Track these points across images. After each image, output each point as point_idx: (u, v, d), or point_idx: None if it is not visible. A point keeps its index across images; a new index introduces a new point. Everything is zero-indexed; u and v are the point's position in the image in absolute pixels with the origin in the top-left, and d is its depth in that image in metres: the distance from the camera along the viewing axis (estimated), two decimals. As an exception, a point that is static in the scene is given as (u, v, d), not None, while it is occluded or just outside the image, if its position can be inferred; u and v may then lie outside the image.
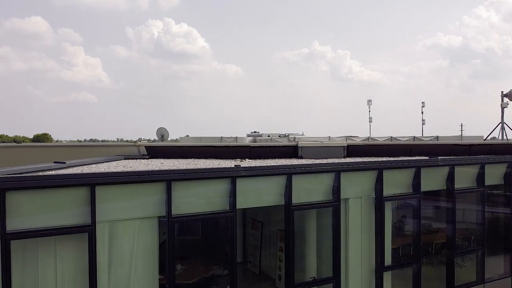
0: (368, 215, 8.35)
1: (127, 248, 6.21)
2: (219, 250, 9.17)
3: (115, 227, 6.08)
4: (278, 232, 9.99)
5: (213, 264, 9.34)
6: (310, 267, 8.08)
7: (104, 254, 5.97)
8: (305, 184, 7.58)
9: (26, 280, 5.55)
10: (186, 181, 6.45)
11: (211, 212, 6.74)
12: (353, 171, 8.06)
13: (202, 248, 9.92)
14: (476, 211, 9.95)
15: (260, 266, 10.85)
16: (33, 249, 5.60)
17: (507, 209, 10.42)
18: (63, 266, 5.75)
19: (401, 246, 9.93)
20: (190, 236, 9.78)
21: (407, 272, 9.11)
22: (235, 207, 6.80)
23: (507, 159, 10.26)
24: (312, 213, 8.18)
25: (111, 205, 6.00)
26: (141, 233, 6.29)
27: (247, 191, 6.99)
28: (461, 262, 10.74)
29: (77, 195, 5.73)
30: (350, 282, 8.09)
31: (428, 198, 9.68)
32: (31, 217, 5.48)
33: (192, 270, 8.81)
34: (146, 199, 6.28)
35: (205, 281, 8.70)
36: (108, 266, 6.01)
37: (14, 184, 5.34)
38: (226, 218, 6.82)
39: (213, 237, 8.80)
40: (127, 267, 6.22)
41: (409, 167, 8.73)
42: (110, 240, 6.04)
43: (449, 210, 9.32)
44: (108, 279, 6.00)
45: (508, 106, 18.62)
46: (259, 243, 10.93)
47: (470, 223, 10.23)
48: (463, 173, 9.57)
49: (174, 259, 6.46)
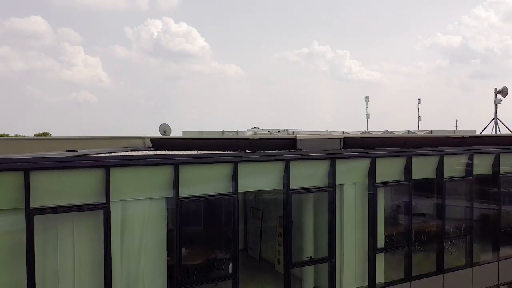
0: (362, 201, 8.89)
1: (137, 226, 6.75)
2: (221, 236, 9.70)
3: (127, 206, 6.63)
4: (277, 219, 10.52)
5: (216, 249, 9.87)
6: (307, 248, 8.62)
7: (117, 231, 6.51)
8: (302, 170, 8.11)
9: (47, 254, 6.09)
10: (192, 165, 6.99)
11: (215, 194, 7.29)
12: (347, 158, 8.60)
13: (205, 235, 10.43)
14: (465, 199, 10.49)
15: (260, 252, 11.38)
16: (53, 227, 6.14)
17: (495, 198, 10.96)
18: (80, 242, 6.29)
19: (395, 233, 10.44)
20: (193, 225, 10.27)
21: (400, 258, 9.63)
22: (237, 190, 7.35)
23: (495, 150, 10.81)
24: (309, 198, 8.72)
25: (124, 186, 6.54)
26: (150, 212, 6.84)
27: (248, 175, 7.52)
28: (452, 249, 11.29)
29: (94, 176, 6.27)
30: (345, 262, 8.64)
31: (419, 186, 10.20)
32: (52, 195, 6.02)
33: (196, 253, 9.33)
34: (156, 181, 6.83)
35: (209, 264, 9.20)
36: (120, 242, 6.56)
37: (37, 165, 5.88)
38: (229, 200, 7.37)
39: (216, 224, 9.32)
40: (138, 244, 6.76)
41: (400, 156, 9.27)
42: (122, 218, 6.59)
43: (439, 197, 9.87)
44: (120, 255, 6.55)
45: (502, 103, 19.24)
46: (259, 230, 11.47)
47: (459, 211, 10.75)
48: (452, 162, 10.11)
49: (181, 238, 6.99)
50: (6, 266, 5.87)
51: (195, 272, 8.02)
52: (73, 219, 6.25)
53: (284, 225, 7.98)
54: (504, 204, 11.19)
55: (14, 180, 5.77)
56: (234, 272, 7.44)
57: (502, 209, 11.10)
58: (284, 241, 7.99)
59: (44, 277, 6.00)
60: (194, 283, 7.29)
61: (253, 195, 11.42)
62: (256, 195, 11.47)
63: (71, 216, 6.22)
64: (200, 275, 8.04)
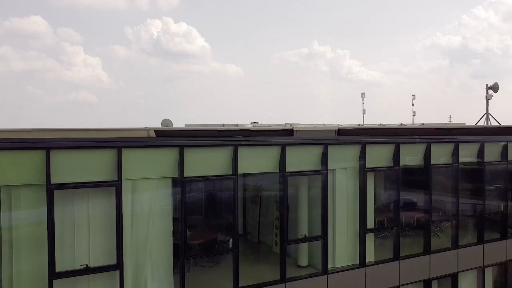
0: (353, 184, 9.55)
1: (146, 203, 7.41)
2: (222, 219, 10.35)
3: (136, 184, 7.29)
4: (275, 204, 11.17)
5: (217, 231, 10.53)
6: (302, 227, 9.28)
7: (127, 206, 7.17)
8: (297, 155, 8.77)
9: (65, 225, 6.75)
10: (195, 147, 7.65)
11: (216, 175, 7.95)
12: (339, 144, 9.26)
13: (208, 213, 11.09)
14: (451, 186, 11.14)
15: (258, 236, 12.04)
16: (70, 202, 6.80)
17: (479, 185, 11.61)
18: (94, 215, 6.96)
19: (383, 215, 11.10)
20: (197, 203, 10.90)
21: (390, 242, 10.28)
22: (237, 172, 8.00)
23: (480, 139, 11.47)
24: (304, 181, 9.37)
25: (134, 166, 7.19)
26: (158, 191, 7.50)
27: (247, 158, 8.18)
28: (440, 233, 11.96)
29: (107, 156, 6.93)
30: (337, 241, 9.30)
31: (408, 172, 10.85)
32: (70, 172, 6.68)
33: (199, 234, 9.99)
34: (163, 162, 7.49)
35: (210, 243, 9.85)
36: (130, 216, 7.22)
37: (57, 144, 6.55)
38: (229, 181, 8.03)
39: (217, 204, 9.96)
40: (146, 220, 7.42)
41: (389, 143, 9.92)
42: (132, 195, 7.24)
43: (426, 182, 10.52)
44: (130, 227, 7.21)
45: (492, 98, 19.92)
46: (257, 216, 12.13)
47: (445, 196, 11.40)
48: (439, 150, 10.76)
49: (186, 215, 7.65)
50: (30, 235, 6.53)
51: (198, 238, 8.78)
52: (88, 194, 6.91)
53: (280, 204, 8.64)
54: (488, 191, 11.85)
55: (36, 158, 6.43)
56: (234, 247, 8.10)
57: (486, 195, 11.75)
58: (280, 219, 8.65)
59: (62, 245, 6.65)
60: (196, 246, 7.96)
61: (252, 183, 12.07)
62: (255, 183, 12.13)
63: (86, 192, 6.88)
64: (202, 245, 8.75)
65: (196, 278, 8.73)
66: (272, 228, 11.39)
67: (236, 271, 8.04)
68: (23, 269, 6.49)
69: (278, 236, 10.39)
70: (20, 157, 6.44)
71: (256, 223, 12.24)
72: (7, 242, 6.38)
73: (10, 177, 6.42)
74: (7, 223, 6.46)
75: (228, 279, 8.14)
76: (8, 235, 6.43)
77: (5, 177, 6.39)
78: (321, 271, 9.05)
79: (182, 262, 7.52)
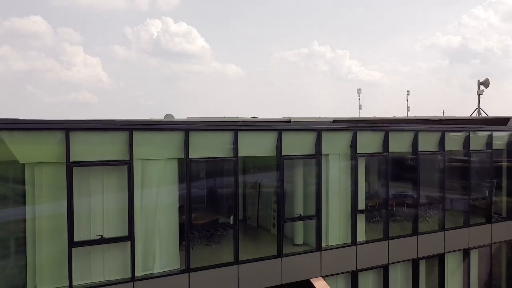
0: (345, 168, 10.27)
1: (154, 182, 8.13)
2: (223, 200, 11.08)
3: (146, 165, 8.01)
4: (273, 189, 11.88)
5: (219, 212, 11.25)
6: (298, 207, 10.01)
7: (137, 184, 7.89)
8: (293, 140, 9.49)
9: (82, 201, 7.47)
10: (200, 131, 8.38)
11: (219, 157, 8.68)
12: (332, 131, 9.99)
13: (210, 201, 11.82)
14: (438, 172, 11.87)
15: (257, 220, 12.76)
16: (86, 178, 7.53)
17: (466, 172, 12.34)
18: (108, 191, 7.68)
19: (375, 201, 11.84)
20: (201, 182, 11.59)
21: (380, 225, 11.02)
22: (238, 154, 8.73)
23: (465, 128, 12.20)
24: (299, 165, 10.09)
25: (144, 147, 7.92)
26: (165, 171, 8.22)
27: (247, 142, 8.90)
28: (429, 219, 12.70)
29: (120, 137, 7.66)
30: (330, 220, 10.03)
31: (397, 159, 11.58)
32: (87, 151, 7.41)
33: (202, 215, 10.72)
34: (170, 144, 8.22)
35: (212, 224, 10.57)
36: (140, 192, 7.94)
37: (76, 126, 7.27)
38: (230, 162, 8.76)
39: (219, 183, 10.64)
40: (154, 197, 8.15)
41: (379, 130, 10.65)
42: (142, 174, 7.97)
43: (414, 168, 11.25)
44: (140, 203, 7.93)
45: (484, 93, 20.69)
46: (256, 200, 12.86)
47: (433, 182, 12.12)
48: (427, 138, 11.49)
49: (191, 193, 8.37)
50: (51, 208, 7.26)
51: (201, 219, 9.54)
52: (103, 172, 7.64)
53: (277, 186, 9.36)
54: (473, 177, 12.59)
55: (57, 138, 7.16)
56: (234, 223, 8.84)
57: (472, 182, 12.49)
58: (277, 199, 9.38)
59: (80, 218, 7.38)
60: (199, 226, 8.68)
61: (251, 169, 12.79)
62: (254, 170, 12.85)
63: (101, 169, 7.61)
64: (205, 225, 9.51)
65: (200, 253, 9.45)
66: (270, 212, 12.11)
67: (237, 245, 8.78)
68: (45, 236, 7.21)
69: (275, 219, 11.11)
70: (43, 137, 7.17)
71: (255, 209, 12.97)
72: (31, 211, 7.11)
73: (34, 156, 7.15)
74: (30, 198, 7.19)
75: (230, 255, 8.86)
76: (32, 208, 7.16)
77: (29, 155, 7.13)
78: (315, 248, 9.77)
79: (188, 232, 8.24)
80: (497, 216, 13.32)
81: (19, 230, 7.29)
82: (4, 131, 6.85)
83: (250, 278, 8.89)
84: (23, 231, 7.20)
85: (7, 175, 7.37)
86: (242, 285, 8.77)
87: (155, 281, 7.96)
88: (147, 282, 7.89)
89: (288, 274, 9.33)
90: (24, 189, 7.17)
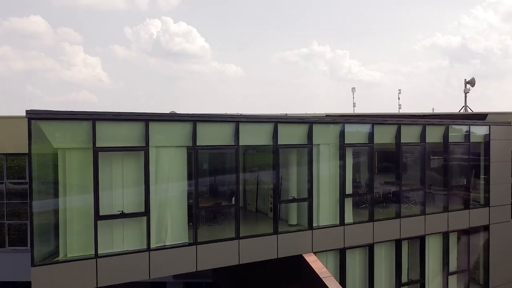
0: (334, 157, 11.52)
1: (166, 166, 9.38)
2: (225, 186, 12.30)
3: (159, 151, 9.25)
4: (270, 177, 13.11)
5: (222, 195, 12.46)
6: (292, 191, 11.26)
7: (152, 168, 9.13)
8: (288, 131, 10.73)
9: (105, 182, 8.71)
10: (206, 122, 9.62)
11: (222, 145, 9.94)
12: (322, 123, 11.24)
13: (214, 176, 12.97)
14: (419, 161, 13.12)
15: (256, 206, 14.02)
16: (108, 162, 8.77)
17: (445, 162, 13.58)
18: (127, 173, 8.93)
19: (363, 189, 13.07)
20: (206, 167, 12.77)
21: (366, 211, 12.25)
22: (239, 143, 9.98)
23: (445, 122, 13.45)
24: (293, 153, 11.34)
25: (157, 136, 9.16)
26: (175, 157, 9.47)
27: (247, 132, 10.14)
28: (414, 205, 13.93)
29: (138, 127, 8.90)
30: (320, 203, 11.27)
31: (382, 149, 12.83)
32: (110, 138, 8.66)
33: (206, 200, 11.97)
34: (179, 133, 9.46)
35: (216, 207, 11.82)
36: (155, 175, 9.18)
37: (101, 116, 8.52)
38: (232, 150, 10.00)
39: (222, 168, 11.77)
40: (166, 178, 9.39)
41: (364, 123, 11.90)
42: (156, 159, 9.21)
43: (397, 157, 12.50)
44: (155, 184, 9.17)
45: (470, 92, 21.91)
46: (255, 188, 14.11)
47: (415, 170, 13.37)
48: (409, 131, 12.73)
49: (198, 176, 9.62)
50: (80, 187, 8.52)
51: (205, 203, 10.75)
52: (123, 157, 8.89)
53: (273, 171, 10.60)
54: (452, 166, 13.84)
55: (85, 127, 8.41)
56: (236, 203, 10.09)
57: (452, 171, 13.74)
58: (273, 183, 10.63)
59: (103, 196, 8.63)
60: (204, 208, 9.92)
61: (250, 157, 14.02)
62: (253, 160, 14.08)
63: (121, 154, 8.86)
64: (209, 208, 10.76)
65: (204, 232, 10.68)
66: (267, 198, 13.35)
67: (238, 222, 10.03)
68: (74, 211, 8.47)
69: (272, 204, 12.36)
70: (73, 126, 8.43)
71: (254, 194, 14.22)
72: (63, 189, 8.36)
73: (65, 142, 8.42)
74: (62, 178, 8.43)
75: (231, 232, 10.11)
76: (63, 186, 8.41)
77: (61, 141, 8.39)
78: (307, 227, 11.03)
79: (195, 210, 9.50)
80: (476, 203, 14.57)
81: (53, 206, 8.52)
82: (42, 121, 8.11)
83: (250, 252, 10.14)
84: (56, 207, 8.45)
85: (44, 159, 8.60)
86: (243, 257, 10.02)
87: (167, 251, 9.22)
88: (160, 252, 9.14)
89: (283, 249, 10.58)
90: (57, 171, 8.41)
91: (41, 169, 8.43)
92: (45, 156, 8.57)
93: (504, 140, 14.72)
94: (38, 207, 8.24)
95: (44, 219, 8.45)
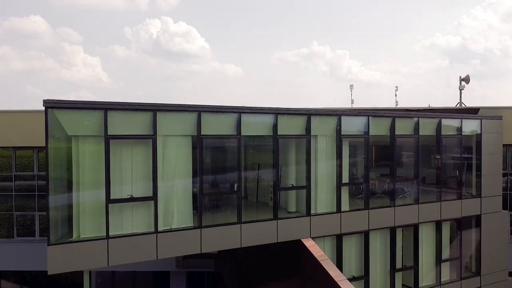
0: (331, 148, 12.09)
1: (173, 153, 9.95)
2: (228, 178, 12.87)
3: (166, 140, 9.83)
4: (270, 167, 13.67)
5: (224, 186, 13.03)
6: (291, 179, 11.84)
7: (159, 155, 9.70)
8: (287, 122, 11.30)
9: (116, 167, 9.28)
10: (210, 113, 10.20)
11: (225, 135, 10.51)
12: (319, 115, 11.82)
13: (218, 163, 13.52)
14: (413, 153, 13.71)
15: (257, 196, 14.59)
16: (119, 149, 9.34)
17: (438, 154, 14.17)
18: (136, 159, 9.50)
19: (359, 178, 13.65)
20: (211, 154, 13.32)
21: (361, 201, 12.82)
22: (241, 133, 10.55)
23: (438, 115, 14.03)
24: (292, 143, 11.92)
25: (165, 125, 9.73)
26: (181, 145, 10.04)
27: (248, 123, 10.71)
28: (409, 196, 14.51)
29: (146, 116, 9.48)
30: (318, 190, 11.84)
31: (378, 142, 13.41)
32: (120, 127, 9.22)
33: (210, 187, 12.53)
34: (185, 123, 10.03)
35: (219, 193, 12.37)
36: (162, 162, 9.75)
37: (112, 106, 9.09)
38: (235, 139, 10.58)
39: (225, 156, 12.31)
40: (173, 165, 9.96)
41: (360, 115, 12.49)
42: (163, 147, 9.78)
43: (391, 149, 13.08)
44: (162, 170, 9.74)
45: (464, 88, 22.54)
46: (256, 179, 14.68)
47: (409, 162, 13.96)
48: (403, 124, 13.32)
49: (203, 164, 10.19)
50: (92, 172, 9.08)
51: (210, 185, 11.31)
52: (132, 144, 9.46)
53: (273, 159, 11.18)
54: (445, 158, 14.43)
55: (97, 116, 8.98)
56: (237, 190, 10.67)
57: (443, 162, 14.33)
58: (273, 171, 11.20)
59: (114, 180, 9.20)
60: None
61: (251, 153, 14.59)
62: (254, 151, 14.65)
63: (131, 142, 9.43)
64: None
65: (208, 218, 11.26)
66: (268, 188, 13.92)
67: (240, 208, 10.60)
68: (87, 195, 9.04)
69: (272, 193, 12.92)
70: (86, 115, 8.99)
71: (255, 186, 14.79)
72: (76, 174, 8.92)
73: (79, 130, 8.98)
74: (76, 164, 9.00)
75: (234, 218, 10.68)
76: (77, 172, 8.97)
77: (75, 129, 8.95)
78: (305, 214, 11.61)
79: (200, 196, 10.07)
80: (468, 194, 15.16)
81: (67, 190, 9.08)
82: (57, 110, 8.68)
83: (251, 236, 10.71)
84: (71, 191, 9.01)
85: (59, 145, 9.16)
86: (244, 240, 10.60)
87: (173, 234, 9.79)
88: (167, 234, 9.71)
89: (282, 234, 11.16)
90: (71, 157, 8.97)
91: (56, 155, 8.98)
92: (60, 143, 9.12)
93: (495, 133, 15.31)
94: (54, 191, 8.80)
95: (59, 202, 9.01)
